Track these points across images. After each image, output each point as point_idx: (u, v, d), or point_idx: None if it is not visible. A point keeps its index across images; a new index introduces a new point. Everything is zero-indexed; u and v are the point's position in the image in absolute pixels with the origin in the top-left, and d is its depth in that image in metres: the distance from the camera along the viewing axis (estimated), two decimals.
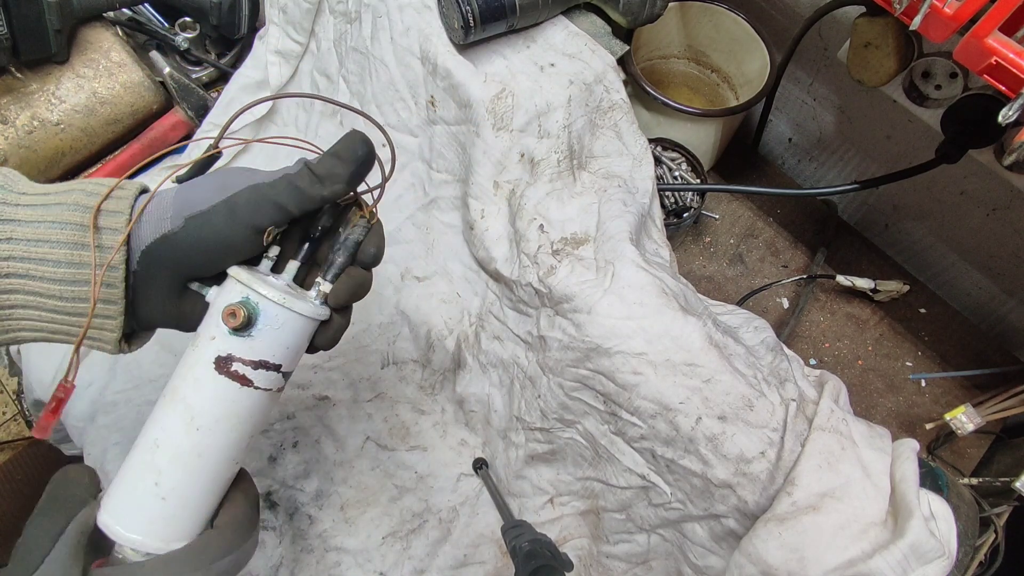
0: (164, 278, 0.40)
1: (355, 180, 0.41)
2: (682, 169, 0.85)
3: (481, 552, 0.68)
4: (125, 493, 0.39)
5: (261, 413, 0.41)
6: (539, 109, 0.65)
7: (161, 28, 0.87)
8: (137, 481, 0.39)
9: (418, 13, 0.68)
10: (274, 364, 0.40)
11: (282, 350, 0.40)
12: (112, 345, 0.42)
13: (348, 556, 0.67)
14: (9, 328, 0.39)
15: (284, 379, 0.42)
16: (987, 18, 0.49)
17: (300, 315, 0.40)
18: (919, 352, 0.86)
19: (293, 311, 0.40)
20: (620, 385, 0.59)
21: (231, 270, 0.40)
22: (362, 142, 0.41)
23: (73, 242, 0.38)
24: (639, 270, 0.60)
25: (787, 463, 0.55)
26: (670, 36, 0.94)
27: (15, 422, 1.34)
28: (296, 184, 0.40)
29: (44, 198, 0.39)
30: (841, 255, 0.93)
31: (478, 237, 0.67)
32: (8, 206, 0.38)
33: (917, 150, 0.87)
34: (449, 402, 0.74)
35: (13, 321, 0.39)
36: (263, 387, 0.40)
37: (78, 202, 0.38)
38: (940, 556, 0.50)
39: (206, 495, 0.40)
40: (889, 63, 0.64)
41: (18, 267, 0.37)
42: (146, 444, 0.39)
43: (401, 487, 0.71)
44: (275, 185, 0.40)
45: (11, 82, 0.76)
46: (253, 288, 0.39)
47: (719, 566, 0.59)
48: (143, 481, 0.39)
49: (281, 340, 0.40)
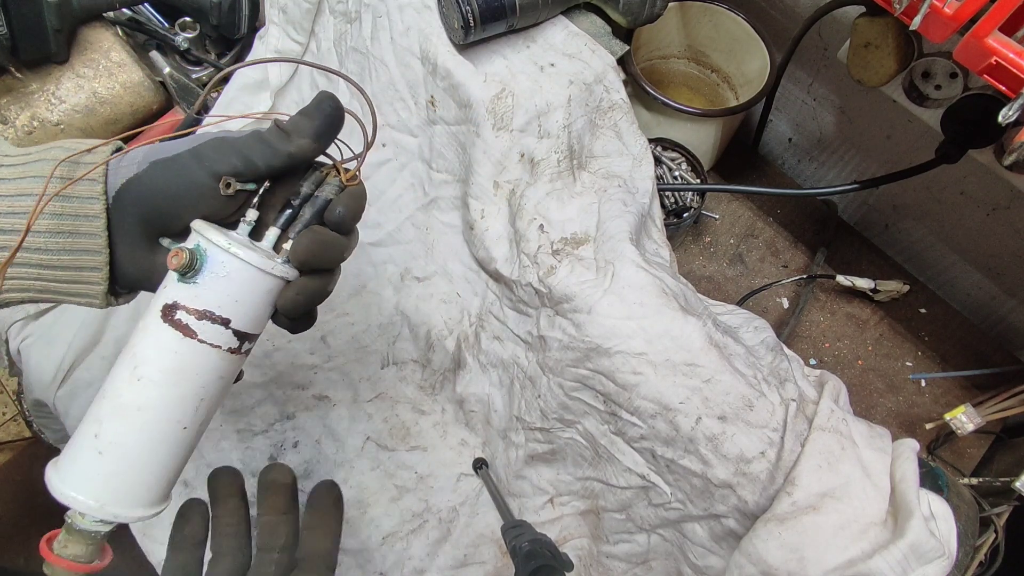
0: (134, 225, 0.40)
1: (322, 135, 0.40)
2: (682, 169, 0.85)
3: (481, 552, 0.68)
4: (69, 447, 0.38)
5: (210, 374, 0.39)
6: (539, 109, 0.65)
7: (161, 28, 0.87)
8: (80, 435, 0.38)
9: (418, 13, 0.68)
10: (220, 317, 0.38)
11: (230, 303, 0.39)
12: (99, 298, 0.41)
13: (348, 556, 0.67)
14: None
15: (237, 339, 0.40)
16: (987, 18, 0.49)
17: (249, 265, 0.38)
18: (919, 352, 0.86)
19: (240, 258, 0.38)
20: (620, 385, 0.59)
21: (194, 223, 0.39)
22: (329, 99, 0.41)
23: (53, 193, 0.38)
24: (639, 270, 0.60)
25: (787, 463, 0.55)
26: (670, 36, 0.94)
27: (15, 422, 1.34)
28: (263, 137, 0.40)
29: (25, 157, 0.39)
30: (841, 255, 0.93)
31: (478, 237, 0.67)
32: None
33: (917, 150, 0.87)
34: (449, 402, 0.74)
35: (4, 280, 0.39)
36: (209, 342, 0.38)
37: (57, 158, 0.39)
38: (940, 556, 0.50)
39: (149, 455, 0.38)
40: (889, 63, 0.64)
41: (3, 223, 0.38)
42: (96, 397, 0.38)
43: (401, 487, 0.71)
44: (243, 137, 0.40)
45: (11, 82, 0.76)
46: (203, 234, 0.38)
47: (719, 566, 0.59)
48: (85, 435, 0.37)
49: (229, 291, 0.38)
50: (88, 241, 0.39)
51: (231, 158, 0.39)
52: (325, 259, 0.42)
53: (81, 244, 0.39)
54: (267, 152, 0.39)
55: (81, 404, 0.72)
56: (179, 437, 0.39)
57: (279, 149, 0.40)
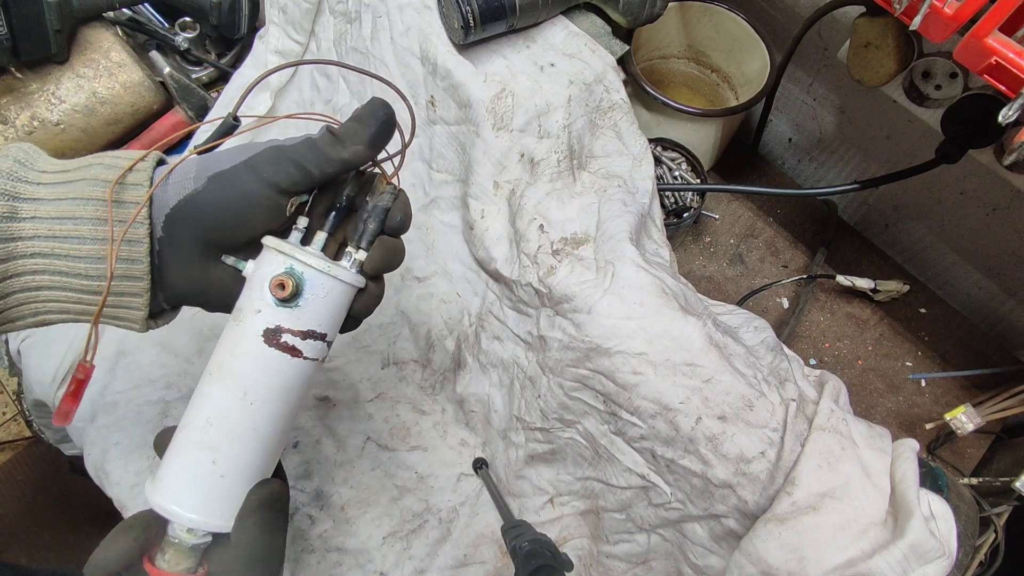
0: (190, 243, 0.40)
1: (376, 142, 0.40)
2: (682, 169, 0.85)
3: (481, 552, 0.68)
4: (181, 473, 0.39)
5: (309, 383, 0.42)
6: (539, 109, 0.65)
7: (161, 28, 0.87)
8: (193, 461, 0.39)
9: (418, 13, 0.68)
10: (320, 333, 0.41)
11: (327, 319, 0.41)
12: (139, 323, 0.41)
13: (349, 556, 0.67)
14: (37, 311, 0.39)
15: (328, 348, 0.42)
16: (987, 18, 0.49)
17: (343, 283, 0.41)
18: (919, 352, 0.86)
19: (338, 279, 0.40)
20: (620, 385, 0.59)
21: (267, 240, 0.40)
22: (382, 106, 0.41)
23: (97, 217, 0.37)
24: (639, 270, 0.60)
25: (787, 463, 0.55)
26: (670, 36, 0.94)
27: (15, 422, 1.34)
28: (317, 145, 0.39)
29: (64, 175, 0.38)
30: (841, 255, 0.93)
31: (478, 237, 0.67)
32: (30, 185, 0.37)
33: (917, 150, 0.87)
34: (449, 402, 0.75)
35: (40, 303, 0.39)
36: (311, 357, 0.41)
37: (98, 177, 0.38)
38: (940, 556, 0.50)
39: (262, 469, 0.41)
40: (889, 63, 0.64)
41: (43, 246, 0.37)
42: (198, 423, 0.39)
43: (401, 487, 0.71)
44: (296, 146, 0.40)
45: (11, 82, 0.76)
46: (296, 257, 0.39)
47: (719, 566, 0.59)
48: (200, 461, 0.39)
49: (326, 309, 0.40)
50: (130, 267, 0.39)
51: (288, 168, 0.39)
52: (394, 265, 0.44)
53: (122, 270, 0.39)
54: (321, 160, 0.39)
55: (81, 404, 0.72)
56: (283, 442, 0.42)
57: (333, 157, 0.39)
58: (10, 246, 0.36)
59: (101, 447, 0.70)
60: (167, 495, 0.39)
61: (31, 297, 0.38)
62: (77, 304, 0.39)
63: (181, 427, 0.40)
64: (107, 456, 0.69)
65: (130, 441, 0.70)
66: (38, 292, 0.38)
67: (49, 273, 0.38)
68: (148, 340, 0.75)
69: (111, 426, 0.70)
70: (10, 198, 0.37)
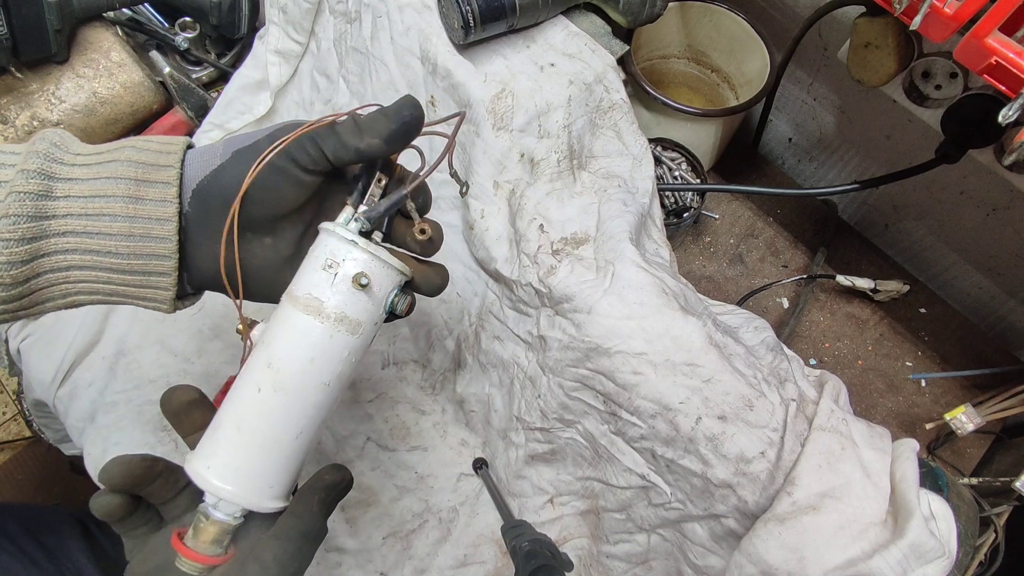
0: (216, 218, 0.40)
1: (393, 139, 0.40)
2: (682, 169, 0.85)
3: (481, 552, 0.68)
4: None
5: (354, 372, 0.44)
6: (539, 109, 0.65)
7: (161, 28, 0.87)
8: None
9: (418, 13, 0.68)
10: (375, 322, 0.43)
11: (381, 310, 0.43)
12: (167, 304, 0.42)
13: (349, 556, 0.67)
14: (67, 291, 0.40)
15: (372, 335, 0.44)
16: (987, 18, 0.49)
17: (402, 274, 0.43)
18: (919, 352, 0.86)
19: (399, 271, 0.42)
20: (620, 385, 0.59)
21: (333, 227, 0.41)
22: (411, 106, 0.41)
23: (128, 195, 0.38)
24: (639, 270, 0.60)
25: (787, 463, 0.55)
26: (670, 36, 0.94)
27: (15, 422, 1.34)
28: (337, 130, 0.40)
29: (97, 156, 0.39)
30: (841, 255, 0.93)
31: (478, 237, 0.67)
32: (64, 166, 0.38)
33: (917, 150, 0.87)
34: (449, 402, 0.75)
35: (70, 284, 0.39)
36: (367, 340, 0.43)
37: (130, 158, 0.39)
38: (940, 556, 0.50)
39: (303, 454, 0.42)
40: (889, 63, 0.64)
41: (75, 224, 0.38)
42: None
43: (401, 487, 0.71)
44: (318, 127, 0.40)
45: (11, 82, 0.76)
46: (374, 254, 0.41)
47: (719, 566, 0.59)
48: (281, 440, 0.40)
49: (381, 299, 0.42)
50: (158, 245, 0.39)
51: (307, 145, 0.40)
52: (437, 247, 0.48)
53: (151, 248, 0.39)
54: (337, 145, 0.40)
55: (81, 404, 0.72)
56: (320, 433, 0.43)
57: (349, 144, 0.40)
58: (43, 224, 0.37)
59: (101, 447, 0.70)
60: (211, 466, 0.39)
61: (62, 278, 0.39)
62: (107, 284, 0.40)
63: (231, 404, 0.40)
64: (107, 456, 0.68)
65: (130, 441, 0.70)
66: (68, 272, 0.39)
67: (80, 252, 0.38)
68: (148, 340, 0.75)
69: (111, 426, 0.70)
70: (47, 177, 0.37)
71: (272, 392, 0.39)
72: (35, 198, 0.37)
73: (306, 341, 0.40)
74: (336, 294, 0.40)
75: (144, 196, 0.39)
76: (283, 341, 0.40)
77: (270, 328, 0.41)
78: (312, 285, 0.40)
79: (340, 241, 0.40)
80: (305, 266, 0.41)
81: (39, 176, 0.37)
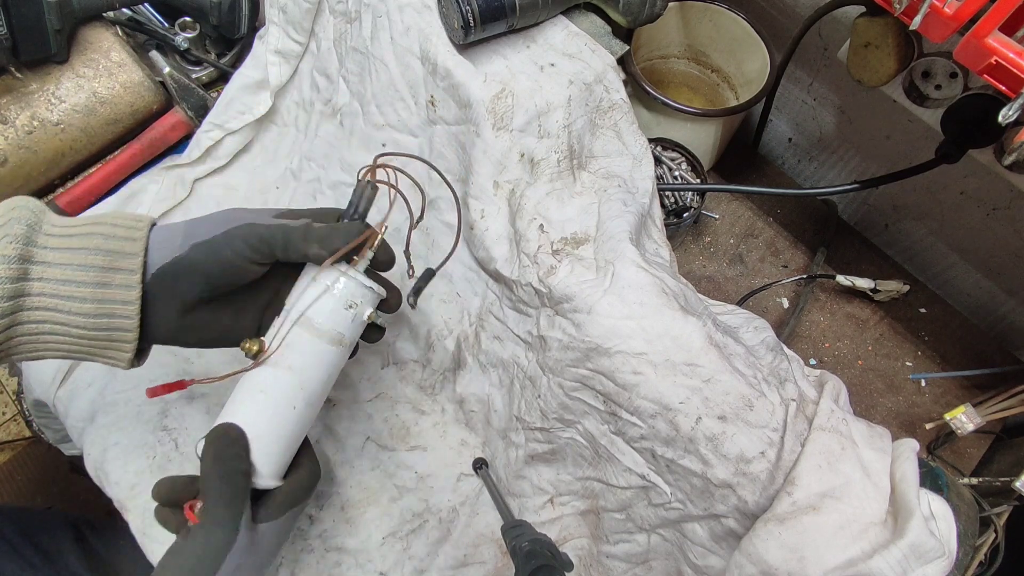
0: (171, 297, 0.47)
1: (339, 257, 0.48)
2: (682, 169, 0.85)
3: (481, 552, 0.68)
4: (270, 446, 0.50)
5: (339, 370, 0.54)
6: (539, 109, 0.65)
7: (161, 28, 0.86)
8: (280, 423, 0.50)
9: (418, 13, 0.68)
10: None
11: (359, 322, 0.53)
12: (125, 363, 0.49)
13: (348, 556, 0.67)
14: (36, 349, 0.46)
15: None
16: (987, 18, 0.49)
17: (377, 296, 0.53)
18: (919, 352, 0.86)
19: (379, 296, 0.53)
20: (620, 385, 0.59)
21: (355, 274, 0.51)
22: (360, 230, 0.50)
23: (96, 282, 0.44)
24: (639, 270, 0.60)
25: (787, 463, 0.55)
26: (670, 36, 0.94)
27: (15, 422, 1.34)
28: (289, 236, 0.48)
29: (68, 240, 0.45)
30: (841, 255, 0.93)
31: (478, 237, 0.67)
32: (39, 249, 0.44)
33: (917, 150, 0.87)
34: (449, 402, 0.74)
35: (41, 343, 0.46)
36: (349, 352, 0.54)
37: (99, 247, 0.45)
38: (940, 556, 0.50)
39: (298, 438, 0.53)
40: (889, 63, 0.64)
41: (48, 302, 0.44)
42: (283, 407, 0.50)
43: (401, 487, 0.71)
44: (272, 228, 0.48)
45: (11, 82, 0.76)
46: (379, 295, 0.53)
47: (719, 566, 0.59)
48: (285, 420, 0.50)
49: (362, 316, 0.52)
50: (122, 321, 0.46)
51: (259, 246, 0.48)
52: None
53: (116, 324, 0.46)
54: (289, 248, 0.48)
55: (81, 404, 0.72)
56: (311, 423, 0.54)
57: (299, 250, 0.48)
58: (20, 300, 0.43)
59: (101, 447, 0.70)
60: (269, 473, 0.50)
61: (33, 339, 0.45)
62: (74, 346, 0.46)
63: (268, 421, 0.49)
64: (107, 456, 0.69)
65: (130, 441, 0.70)
66: (39, 336, 0.45)
67: (52, 323, 0.44)
68: None
69: (111, 426, 0.70)
70: (24, 261, 0.43)
71: (305, 407, 0.50)
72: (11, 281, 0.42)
73: (328, 363, 0.51)
74: (352, 328, 0.51)
75: (111, 282, 0.45)
76: (315, 371, 0.50)
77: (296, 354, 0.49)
78: (337, 323, 0.50)
79: (359, 287, 0.50)
80: (327, 302, 0.49)
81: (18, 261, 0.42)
